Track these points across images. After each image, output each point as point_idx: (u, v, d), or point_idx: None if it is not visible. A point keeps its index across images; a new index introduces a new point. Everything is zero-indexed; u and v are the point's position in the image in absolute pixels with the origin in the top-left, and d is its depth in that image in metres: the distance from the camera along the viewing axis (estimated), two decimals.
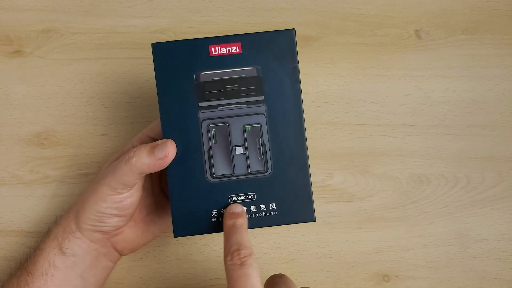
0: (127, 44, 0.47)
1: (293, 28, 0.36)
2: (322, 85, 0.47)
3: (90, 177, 0.45)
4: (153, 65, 0.35)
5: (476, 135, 0.47)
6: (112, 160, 0.39)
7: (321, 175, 0.46)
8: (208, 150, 0.35)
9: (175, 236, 0.35)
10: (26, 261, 0.38)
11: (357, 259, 0.45)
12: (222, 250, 0.43)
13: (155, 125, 0.38)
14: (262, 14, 0.49)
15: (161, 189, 0.41)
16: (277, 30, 0.35)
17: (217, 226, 0.35)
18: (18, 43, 0.47)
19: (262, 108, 0.35)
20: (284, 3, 0.49)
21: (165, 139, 0.34)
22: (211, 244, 0.43)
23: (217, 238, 0.43)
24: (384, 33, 0.49)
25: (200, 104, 0.35)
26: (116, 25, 0.48)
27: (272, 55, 0.35)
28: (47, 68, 0.47)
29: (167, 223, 0.40)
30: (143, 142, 0.37)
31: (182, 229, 0.35)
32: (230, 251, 0.31)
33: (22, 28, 0.48)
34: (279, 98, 0.35)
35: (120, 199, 0.35)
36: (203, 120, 0.35)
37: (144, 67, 0.47)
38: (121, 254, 0.39)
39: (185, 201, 0.35)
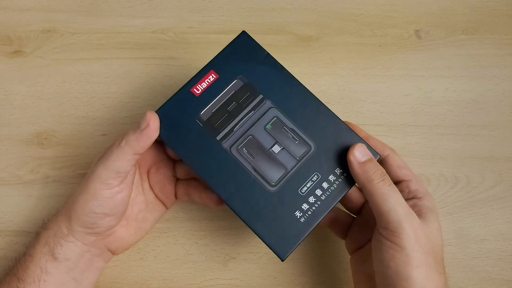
0: (127, 44, 0.47)
1: (243, 31, 0.37)
2: (322, 85, 0.47)
3: None
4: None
5: (476, 135, 0.47)
6: (98, 159, 0.38)
7: None
8: (253, 168, 0.35)
9: (283, 260, 0.34)
10: (15, 267, 0.37)
11: None
12: (222, 250, 0.43)
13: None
14: (262, 14, 0.49)
15: (150, 186, 0.41)
16: (233, 41, 0.37)
17: (309, 223, 0.34)
18: (18, 43, 0.47)
19: (268, 103, 0.36)
20: (284, 3, 0.49)
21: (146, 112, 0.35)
22: (211, 244, 0.43)
23: (216, 238, 0.43)
24: (384, 33, 0.49)
25: (218, 137, 0.36)
26: (116, 25, 0.48)
27: (243, 61, 0.37)
28: (47, 68, 0.47)
29: (158, 218, 0.41)
30: None
31: (284, 249, 0.34)
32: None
33: (22, 28, 0.48)
34: (274, 86, 0.36)
35: (111, 194, 0.35)
36: (230, 147, 0.36)
37: (144, 67, 0.47)
38: (114, 253, 0.39)
39: (267, 224, 0.34)
